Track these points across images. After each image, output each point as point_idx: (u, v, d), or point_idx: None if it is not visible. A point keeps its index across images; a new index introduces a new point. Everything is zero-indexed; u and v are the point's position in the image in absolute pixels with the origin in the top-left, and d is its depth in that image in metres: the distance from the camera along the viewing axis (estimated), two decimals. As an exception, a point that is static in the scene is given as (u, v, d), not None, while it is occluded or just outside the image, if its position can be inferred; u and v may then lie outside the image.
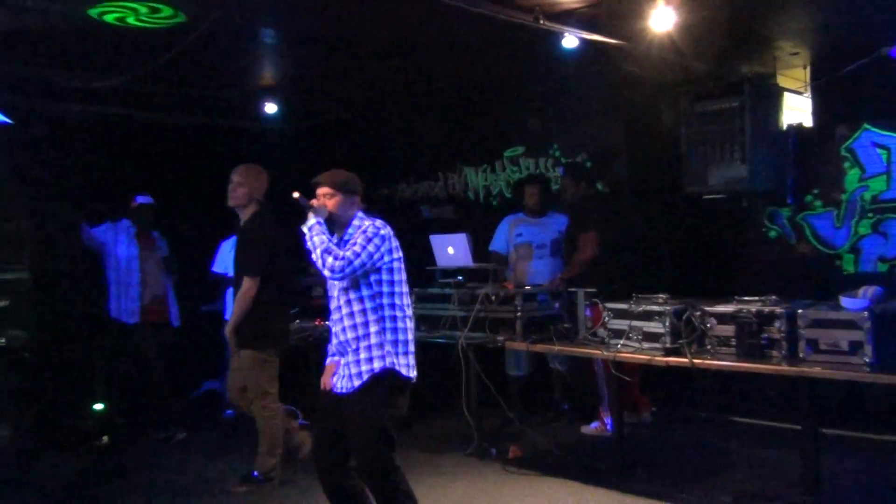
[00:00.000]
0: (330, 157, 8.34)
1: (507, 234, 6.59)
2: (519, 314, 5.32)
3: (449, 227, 6.92)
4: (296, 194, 3.74)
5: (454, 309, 5.62)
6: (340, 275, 3.55)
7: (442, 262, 5.92)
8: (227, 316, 6.85)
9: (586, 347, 4.98)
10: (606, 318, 4.87)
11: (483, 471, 5.23)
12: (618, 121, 6.86)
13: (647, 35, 5.11)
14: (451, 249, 5.89)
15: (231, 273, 6.78)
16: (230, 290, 6.84)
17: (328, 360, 3.80)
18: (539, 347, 5.25)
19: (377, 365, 3.58)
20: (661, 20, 4.88)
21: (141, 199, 6.55)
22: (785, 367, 4.13)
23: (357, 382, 3.58)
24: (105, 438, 6.03)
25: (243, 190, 5.10)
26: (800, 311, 4.15)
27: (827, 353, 4.02)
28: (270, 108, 7.34)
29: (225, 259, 6.95)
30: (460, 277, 5.84)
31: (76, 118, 7.01)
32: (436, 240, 5.98)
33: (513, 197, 7.63)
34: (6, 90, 5.97)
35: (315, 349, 6.33)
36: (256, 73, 6.72)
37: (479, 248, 6.24)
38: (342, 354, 3.69)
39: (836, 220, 6.20)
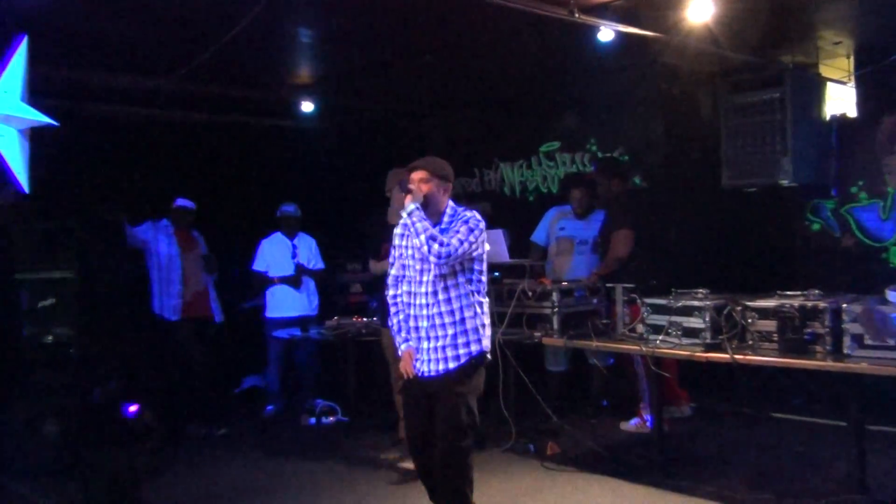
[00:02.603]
0: (366, 154, 8.45)
1: (549, 227, 6.56)
2: (556, 310, 5.29)
3: (486, 223, 6.91)
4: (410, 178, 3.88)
5: (490, 305, 5.60)
6: (445, 261, 3.70)
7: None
8: (268, 313, 6.99)
9: (625, 343, 4.94)
10: (645, 314, 4.82)
11: (521, 467, 5.22)
12: (655, 114, 6.79)
13: (684, 26, 5.05)
14: (488, 245, 5.87)
15: (272, 272, 6.90)
16: (271, 288, 6.98)
17: (404, 347, 3.90)
18: (577, 344, 5.22)
19: (474, 348, 3.80)
20: (699, 11, 4.81)
21: (181, 203, 6.66)
22: (829, 363, 4.05)
23: (453, 364, 3.76)
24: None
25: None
26: (844, 305, 4.07)
27: (873, 348, 3.93)
28: (307, 106, 7.40)
29: (266, 258, 7.06)
30: (497, 273, 5.83)
31: (121, 119, 7.15)
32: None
33: (549, 192, 7.61)
34: (51, 92, 6.10)
35: (355, 345, 6.39)
36: (293, 71, 6.79)
37: (517, 244, 6.22)
38: (427, 339, 3.80)
39: (882, 212, 6.07)
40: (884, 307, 3.94)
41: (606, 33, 5.18)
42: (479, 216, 3.87)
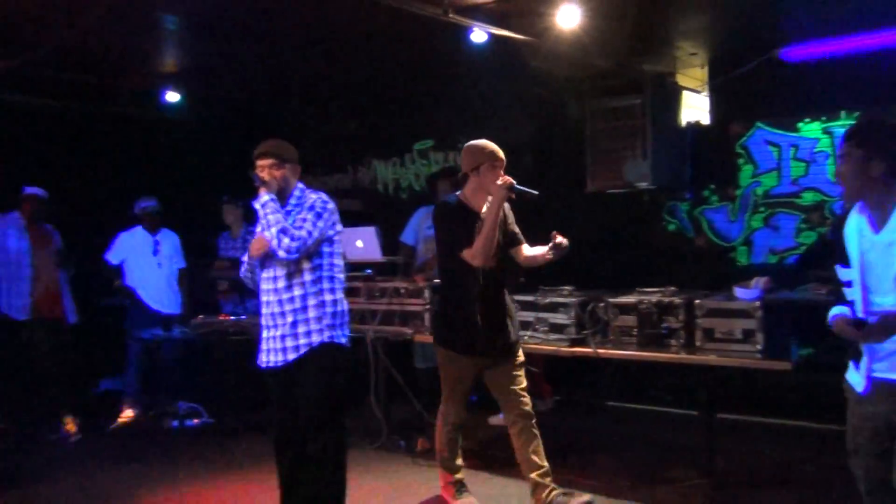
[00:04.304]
0: (235, 147, 8.18)
1: (417, 227, 6.59)
2: (428, 307, 5.33)
3: (358, 221, 6.88)
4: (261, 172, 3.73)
5: (362, 302, 5.59)
6: (296, 255, 3.58)
7: (350, 255, 5.87)
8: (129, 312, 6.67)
9: (494, 339, 5.03)
10: (512, 311, 4.93)
11: (392, 463, 5.23)
12: (525, 116, 6.96)
13: (554, 31, 5.20)
14: (360, 243, 5.86)
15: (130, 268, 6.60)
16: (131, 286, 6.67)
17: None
18: (448, 340, 5.28)
19: (315, 338, 3.63)
20: (567, 17, 4.97)
21: (31, 191, 6.24)
22: (683, 356, 4.29)
23: (292, 356, 3.62)
24: None
25: None
26: (697, 301, 4.32)
27: (722, 342, 4.20)
28: (172, 96, 7.11)
29: (123, 251, 6.73)
30: (369, 271, 5.81)
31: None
32: (344, 233, 5.92)
33: (422, 190, 7.65)
34: None
35: (222, 344, 6.20)
36: (157, 59, 6.49)
37: (389, 241, 6.22)
38: (267, 328, 3.70)
39: (731, 214, 6.47)
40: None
41: (479, 34, 5.26)
42: (325, 197, 3.78)
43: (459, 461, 4.39)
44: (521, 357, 4.18)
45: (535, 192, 3.99)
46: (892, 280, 2.83)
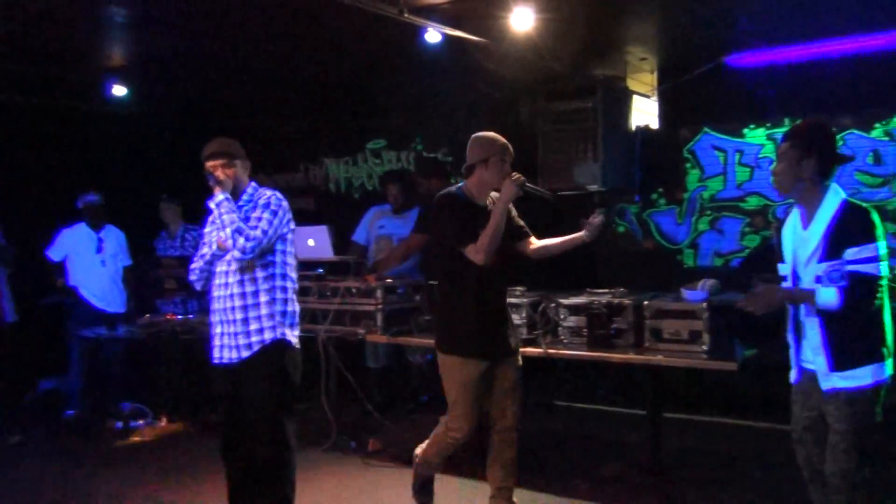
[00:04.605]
0: (185, 144, 8.04)
1: (368, 226, 6.57)
2: (380, 307, 5.32)
3: (310, 219, 6.82)
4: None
5: (314, 302, 5.55)
6: (251, 255, 3.55)
7: (302, 254, 5.81)
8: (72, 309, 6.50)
9: (446, 339, 5.04)
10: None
11: (343, 464, 5.20)
12: (479, 117, 6.98)
13: (508, 34, 5.23)
14: (312, 242, 5.81)
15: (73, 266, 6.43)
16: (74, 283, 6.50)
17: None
18: (400, 340, 5.28)
19: (268, 336, 3.61)
20: (520, 20, 5.00)
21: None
22: (631, 356, 4.36)
23: (246, 353, 3.59)
24: None
25: None
26: (645, 302, 4.39)
27: (669, 342, 4.28)
28: (119, 90, 6.95)
29: (65, 248, 6.56)
30: (320, 270, 5.77)
31: None
32: (296, 232, 5.87)
33: (374, 189, 7.63)
34: None
35: (168, 344, 6.09)
36: (104, 52, 6.33)
37: (342, 240, 6.19)
38: (220, 324, 3.66)
39: (678, 217, 6.60)
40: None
41: (434, 35, 5.26)
42: (279, 195, 3.76)
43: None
44: (519, 361, 3.99)
45: (549, 194, 3.94)
46: (813, 274, 3.01)
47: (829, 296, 2.92)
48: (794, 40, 5.77)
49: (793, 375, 3.23)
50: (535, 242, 4.06)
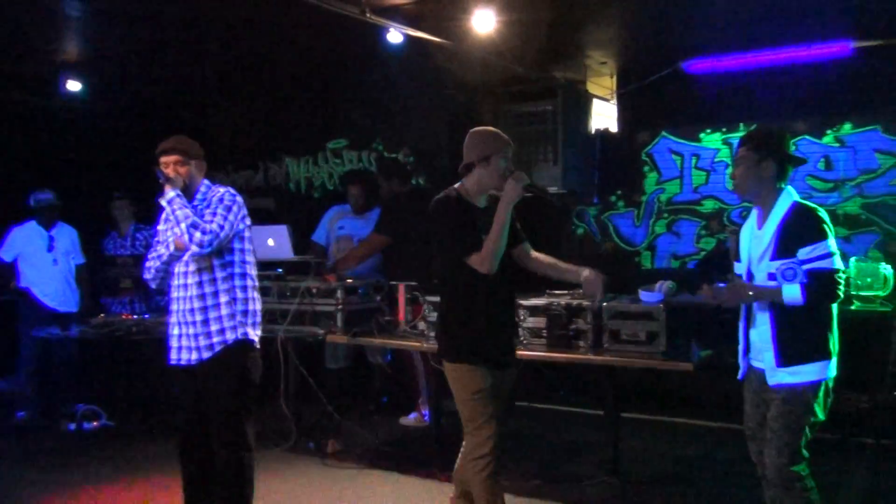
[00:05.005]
0: (142, 141, 7.91)
1: (328, 226, 6.53)
2: (340, 307, 5.29)
3: (269, 219, 6.76)
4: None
5: (273, 302, 5.50)
6: (209, 249, 3.49)
7: (261, 254, 5.75)
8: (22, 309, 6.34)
9: (406, 340, 5.04)
10: (426, 312, 4.95)
11: (302, 466, 5.16)
12: (440, 118, 7.00)
13: (469, 35, 5.25)
14: (271, 241, 5.75)
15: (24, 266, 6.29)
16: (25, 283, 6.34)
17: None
18: (360, 341, 5.25)
19: (229, 336, 3.57)
20: (482, 22, 5.03)
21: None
22: (590, 357, 4.40)
23: (207, 354, 3.55)
24: None
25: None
26: (604, 304, 4.44)
27: (627, 343, 4.33)
28: (74, 85, 6.80)
29: (15, 247, 6.41)
30: (280, 270, 5.72)
31: None
32: (255, 231, 5.81)
33: (335, 189, 7.59)
34: None
35: (123, 344, 5.97)
36: (58, 46, 6.20)
37: (301, 240, 6.14)
38: (178, 325, 3.61)
39: (636, 219, 6.69)
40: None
41: (395, 35, 5.26)
42: (233, 191, 3.72)
43: None
44: (516, 372, 3.78)
45: (550, 195, 3.84)
46: (765, 271, 3.10)
47: (793, 292, 3.00)
48: (749, 47, 5.90)
49: (740, 372, 3.33)
50: (538, 256, 3.93)
